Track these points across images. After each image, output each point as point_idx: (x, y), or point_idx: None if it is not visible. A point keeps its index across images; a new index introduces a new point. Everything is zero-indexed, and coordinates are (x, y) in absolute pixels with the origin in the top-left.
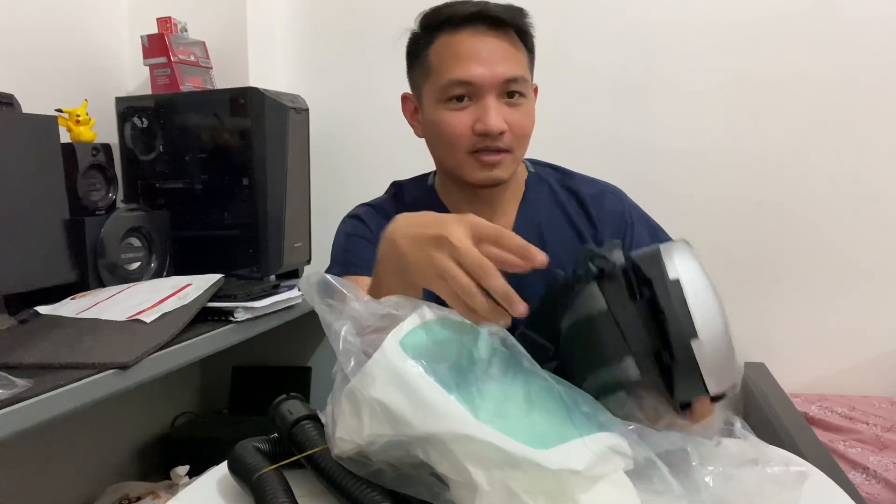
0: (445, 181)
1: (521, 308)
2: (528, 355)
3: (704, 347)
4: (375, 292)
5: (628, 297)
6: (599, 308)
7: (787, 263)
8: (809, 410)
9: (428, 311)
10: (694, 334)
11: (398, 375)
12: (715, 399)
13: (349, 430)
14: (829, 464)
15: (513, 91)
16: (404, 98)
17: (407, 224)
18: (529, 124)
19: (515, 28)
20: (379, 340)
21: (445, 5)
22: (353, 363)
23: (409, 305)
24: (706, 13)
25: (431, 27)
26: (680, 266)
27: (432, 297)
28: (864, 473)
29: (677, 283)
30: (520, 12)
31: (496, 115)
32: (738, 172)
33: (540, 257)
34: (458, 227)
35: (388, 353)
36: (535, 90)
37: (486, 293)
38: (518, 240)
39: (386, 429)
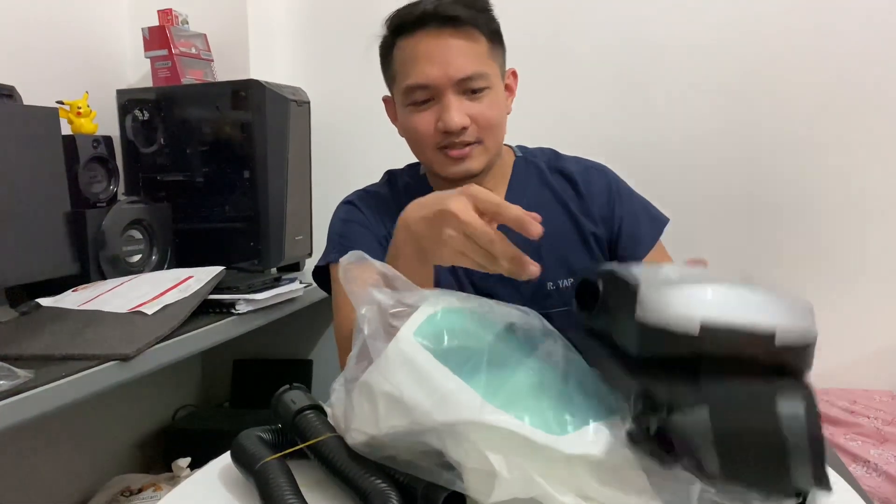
0: (430, 172)
1: (532, 268)
2: (558, 336)
3: None
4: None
5: None
6: None
7: (787, 259)
8: None
9: (441, 300)
10: None
11: (413, 366)
12: None
13: (365, 421)
14: (830, 457)
15: (472, 87)
16: (385, 101)
17: (416, 208)
18: (495, 114)
19: (472, 22)
20: (395, 330)
21: (403, 7)
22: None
23: (428, 294)
24: (708, 7)
25: (393, 31)
26: None
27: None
28: (864, 466)
29: None
30: (475, 4)
31: (456, 112)
32: (739, 169)
33: (536, 229)
34: (460, 201)
35: (402, 343)
36: (514, 74)
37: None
38: (515, 211)
39: (402, 419)
